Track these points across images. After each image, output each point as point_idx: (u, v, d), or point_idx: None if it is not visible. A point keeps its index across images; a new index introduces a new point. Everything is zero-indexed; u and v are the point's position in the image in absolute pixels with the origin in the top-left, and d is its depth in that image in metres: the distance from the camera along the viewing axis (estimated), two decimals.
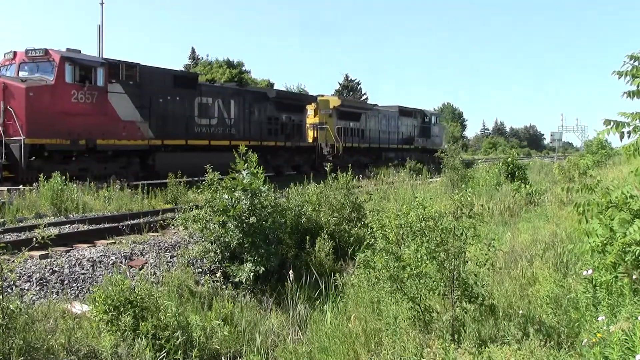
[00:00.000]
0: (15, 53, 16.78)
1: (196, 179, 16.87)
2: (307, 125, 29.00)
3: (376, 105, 36.49)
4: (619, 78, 4.60)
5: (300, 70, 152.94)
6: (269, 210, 8.53)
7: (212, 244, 8.45)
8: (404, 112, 37.99)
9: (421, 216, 5.39)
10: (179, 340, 5.52)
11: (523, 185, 14.74)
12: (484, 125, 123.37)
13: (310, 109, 29.40)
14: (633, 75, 4.54)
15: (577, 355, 3.98)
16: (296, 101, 28.72)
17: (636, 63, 4.55)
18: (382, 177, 22.76)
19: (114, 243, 9.19)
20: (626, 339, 3.38)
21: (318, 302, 7.59)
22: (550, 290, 5.48)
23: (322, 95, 31.54)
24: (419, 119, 39.57)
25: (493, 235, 7.15)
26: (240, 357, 6.19)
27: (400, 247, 5.73)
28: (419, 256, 5.06)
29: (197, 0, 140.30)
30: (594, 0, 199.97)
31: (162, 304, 5.92)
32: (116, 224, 10.66)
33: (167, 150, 19.94)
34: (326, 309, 6.98)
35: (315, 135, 29.08)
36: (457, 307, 4.97)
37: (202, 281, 7.79)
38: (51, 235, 5.24)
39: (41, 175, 13.48)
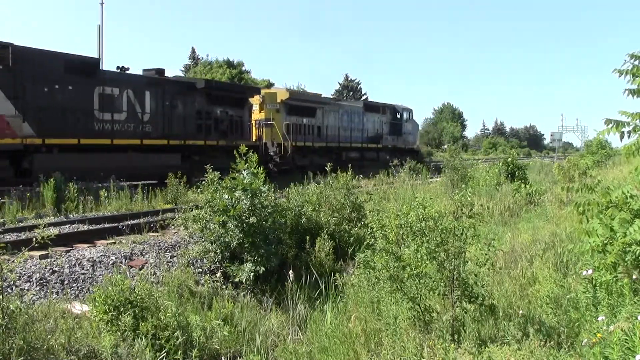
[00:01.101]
0: None
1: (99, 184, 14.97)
2: (253, 121, 25.40)
3: (337, 99, 32.52)
4: (620, 76, 4.61)
5: (301, 70, 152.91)
6: (269, 210, 8.53)
7: (212, 244, 8.45)
8: (370, 107, 34.25)
9: (421, 216, 5.39)
10: (179, 340, 5.53)
11: (523, 185, 14.76)
12: (484, 125, 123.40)
13: (255, 103, 25.81)
14: (633, 74, 4.54)
15: (577, 355, 3.98)
16: (234, 93, 24.20)
17: (637, 62, 4.55)
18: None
19: (114, 243, 9.20)
20: (626, 339, 3.38)
21: (318, 302, 7.59)
22: (550, 290, 5.48)
23: (269, 87, 27.88)
24: (389, 115, 35.40)
25: (493, 235, 7.16)
26: (240, 357, 6.18)
27: (400, 247, 5.73)
28: (419, 256, 5.06)
29: (197, 0, 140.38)
30: (594, 0, 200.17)
31: (162, 304, 5.92)
32: (116, 224, 10.66)
33: (53, 151, 16.36)
34: (326, 309, 6.98)
35: (261, 133, 25.37)
36: (457, 307, 4.97)
37: (202, 281, 7.80)
38: (51, 235, 5.24)
39: (41, 175, 13.48)
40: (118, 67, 19.25)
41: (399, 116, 36.34)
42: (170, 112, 20.50)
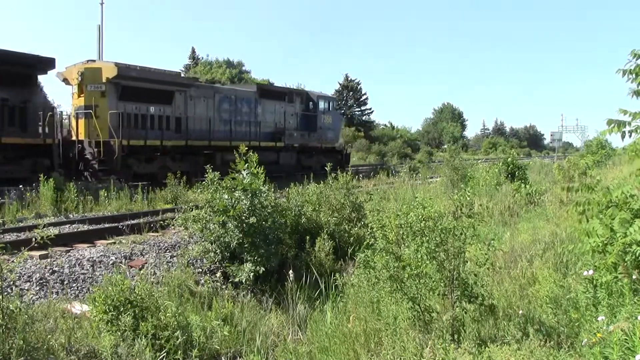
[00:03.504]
0: None
1: None
2: (72, 111, 19.02)
3: (213, 81, 22.82)
4: (623, 76, 4.61)
5: (301, 70, 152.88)
6: (269, 211, 8.53)
7: (212, 244, 8.45)
8: (269, 93, 26.18)
9: (421, 216, 5.39)
10: (179, 340, 5.52)
11: (523, 185, 14.74)
12: (484, 125, 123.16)
13: (74, 83, 18.64)
14: (637, 74, 4.54)
15: (577, 355, 3.98)
16: (3, 65, 15.87)
17: (639, 61, 4.55)
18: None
19: (114, 243, 9.20)
20: (626, 339, 3.38)
21: (318, 302, 7.60)
22: (550, 290, 5.48)
23: (93, 61, 19.15)
24: (298, 104, 27.33)
25: (493, 235, 7.16)
26: (240, 357, 6.19)
27: (400, 247, 5.73)
28: (418, 256, 5.06)
29: (197, 0, 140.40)
30: (594, 0, 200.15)
31: (162, 304, 5.92)
32: (116, 224, 10.67)
33: None
34: (326, 308, 6.98)
35: (77, 127, 18.50)
36: (457, 307, 4.96)
37: (202, 281, 7.80)
38: (51, 235, 5.24)
39: (41, 175, 13.48)
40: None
41: (312, 106, 28.04)
42: None
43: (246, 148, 8.87)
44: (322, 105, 28.75)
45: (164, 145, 19.82)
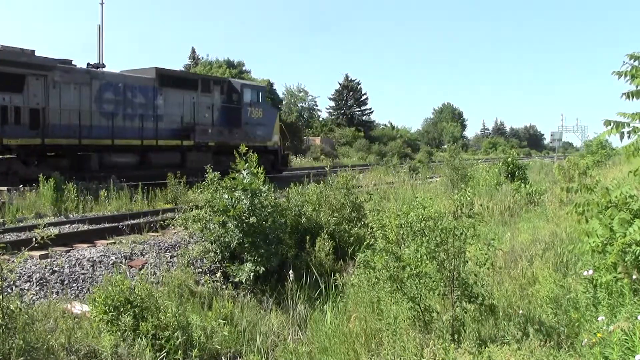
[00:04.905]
0: None
1: None
2: None
3: (97, 65, 18.82)
4: (619, 78, 4.61)
5: (301, 70, 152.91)
6: (269, 210, 8.53)
7: (212, 244, 8.46)
8: (174, 80, 20.70)
9: (421, 216, 5.39)
10: (179, 340, 5.53)
11: (523, 185, 14.76)
12: (484, 125, 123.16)
13: None
14: (632, 76, 4.54)
15: (577, 355, 3.98)
16: None
17: (636, 63, 4.56)
18: None
19: (114, 243, 9.19)
20: (626, 339, 3.39)
21: (318, 302, 7.60)
22: (550, 290, 5.49)
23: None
24: (218, 94, 22.27)
25: (493, 235, 7.16)
26: (240, 357, 6.19)
27: (400, 247, 5.73)
28: (418, 256, 5.06)
29: (197, 0, 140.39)
30: (594, 1, 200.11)
31: (162, 304, 5.92)
32: (116, 224, 10.66)
33: None
34: (326, 308, 6.98)
35: None
36: (457, 307, 4.97)
37: (202, 281, 7.80)
38: (51, 235, 5.25)
39: (40, 174, 13.46)
40: None
41: (235, 97, 22.97)
42: None
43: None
44: (248, 96, 23.29)
45: (6, 145, 15.27)
